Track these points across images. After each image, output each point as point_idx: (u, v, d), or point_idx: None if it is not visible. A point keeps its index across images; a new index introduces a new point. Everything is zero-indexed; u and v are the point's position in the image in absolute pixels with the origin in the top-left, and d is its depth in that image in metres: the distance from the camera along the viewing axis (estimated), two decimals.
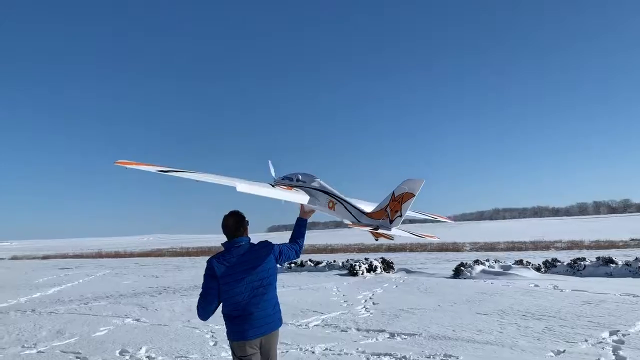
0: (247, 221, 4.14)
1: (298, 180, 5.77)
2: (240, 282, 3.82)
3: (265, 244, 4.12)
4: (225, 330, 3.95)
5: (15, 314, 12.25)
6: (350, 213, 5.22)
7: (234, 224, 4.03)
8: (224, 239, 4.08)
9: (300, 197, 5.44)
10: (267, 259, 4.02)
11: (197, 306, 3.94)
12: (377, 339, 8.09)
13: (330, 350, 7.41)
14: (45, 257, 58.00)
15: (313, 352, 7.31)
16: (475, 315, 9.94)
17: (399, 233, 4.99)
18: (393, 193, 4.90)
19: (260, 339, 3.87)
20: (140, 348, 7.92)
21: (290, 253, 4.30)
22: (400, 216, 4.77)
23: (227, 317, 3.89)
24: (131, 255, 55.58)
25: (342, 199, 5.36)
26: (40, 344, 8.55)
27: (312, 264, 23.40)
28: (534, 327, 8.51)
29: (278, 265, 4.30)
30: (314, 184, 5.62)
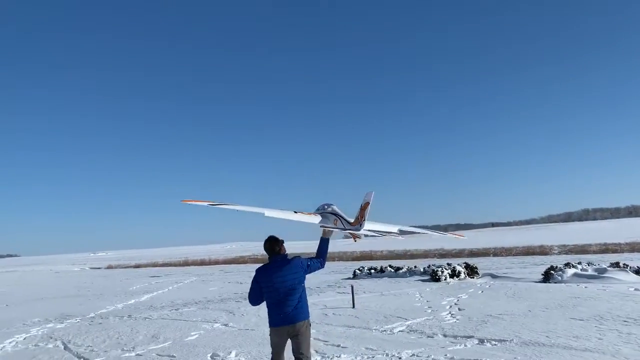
0: (282, 241, 5.53)
1: (324, 208, 7.44)
2: (275, 287, 5.19)
3: (296, 259, 5.43)
4: (268, 321, 5.31)
5: (114, 319, 13.02)
6: (343, 224, 6.76)
7: (270, 246, 5.43)
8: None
9: (312, 219, 7.00)
10: (296, 270, 5.32)
11: (248, 298, 5.52)
12: (465, 345, 7.86)
13: (417, 356, 7.28)
14: (137, 266, 61.36)
15: (400, 358, 7.22)
16: (570, 320, 9.42)
17: (365, 232, 6.75)
18: (361, 204, 6.51)
19: (287, 327, 5.15)
20: (230, 352, 8.15)
21: (316, 265, 5.55)
22: (364, 220, 6.32)
23: (268, 308, 5.27)
24: (216, 262, 57.66)
25: (341, 216, 6.96)
26: (138, 348, 9.03)
27: (392, 270, 23.18)
28: (637, 334, 7.95)
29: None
30: (329, 210, 7.25)
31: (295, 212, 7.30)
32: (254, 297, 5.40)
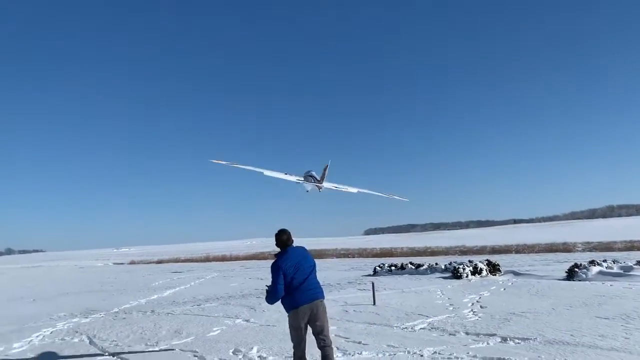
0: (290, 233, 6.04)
1: (307, 172, 11.53)
2: (297, 270, 5.67)
3: (305, 249, 6.09)
4: (283, 307, 5.88)
5: (137, 314, 13.21)
6: (314, 181, 10.48)
7: (287, 238, 5.99)
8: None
9: (293, 178, 12.14)
10: (309, 256, 6.02)
11: (267, 297, 5.89)
12: (488, 343, 7.79)
13: (439, 354, 7.24)
14: (159, 262, 62.10)
15: (421, 356, 7.18)
16: (595, 319, 9.28)
17: (326, 186, 11.85)
18: (323, 167, 12.51)
19: (309, 305, 5.63)
20: (252, 348, 8.21)
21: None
22: (324, 178, 11.94)
23: (288, 293, 5.68)
24: (237, 258, 57.96)
25: (315, 177, 10.90)
26: (161, 343, 9.15)
27: (413, 267, 23.02)
28: None
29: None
30: (309, 174, 11.10)
31: (285, 173, 12.08)
32: (279, 290, 5.70)
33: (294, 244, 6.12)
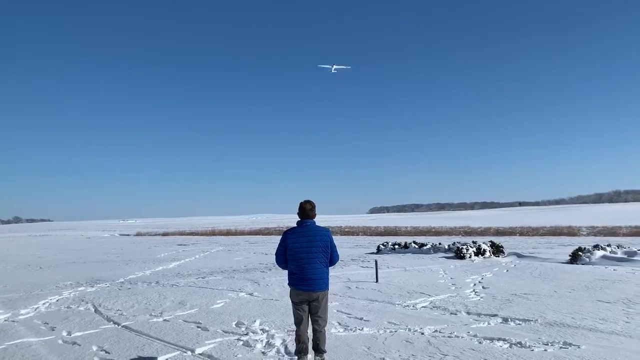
0: (315, 206, 5.62)
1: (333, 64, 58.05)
2: (301, 251, 5.33)
3: (325, 232, 5.51)
4: (288, 281, 5.54)
5: (143, 285, 13.34)
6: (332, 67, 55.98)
7: (310, 209, 5.51)
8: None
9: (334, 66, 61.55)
10: (321, 241, 5.41)
11: (275, 261, 5.70)
12: (489, 323, 7.83)
13: (440, 332, 7.28)
14: (165, 234, 62.59)
15: (422, 334, 7.22)
16: (596, 303, 9.30)
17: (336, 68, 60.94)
18: None
19: (308, 293, 5.36)
20: (255, 321, 8.29)
21: (334, 259, 5.60)
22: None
23: (290, 273, 5.47)
24: (241, 233, 58.34)
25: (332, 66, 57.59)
26: (165, 313, 9.23)
27: (417, 246, 23.12)
28: None
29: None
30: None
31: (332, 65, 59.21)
32: (280, 261, 5.57)
33: (317, 223, 5.62)
